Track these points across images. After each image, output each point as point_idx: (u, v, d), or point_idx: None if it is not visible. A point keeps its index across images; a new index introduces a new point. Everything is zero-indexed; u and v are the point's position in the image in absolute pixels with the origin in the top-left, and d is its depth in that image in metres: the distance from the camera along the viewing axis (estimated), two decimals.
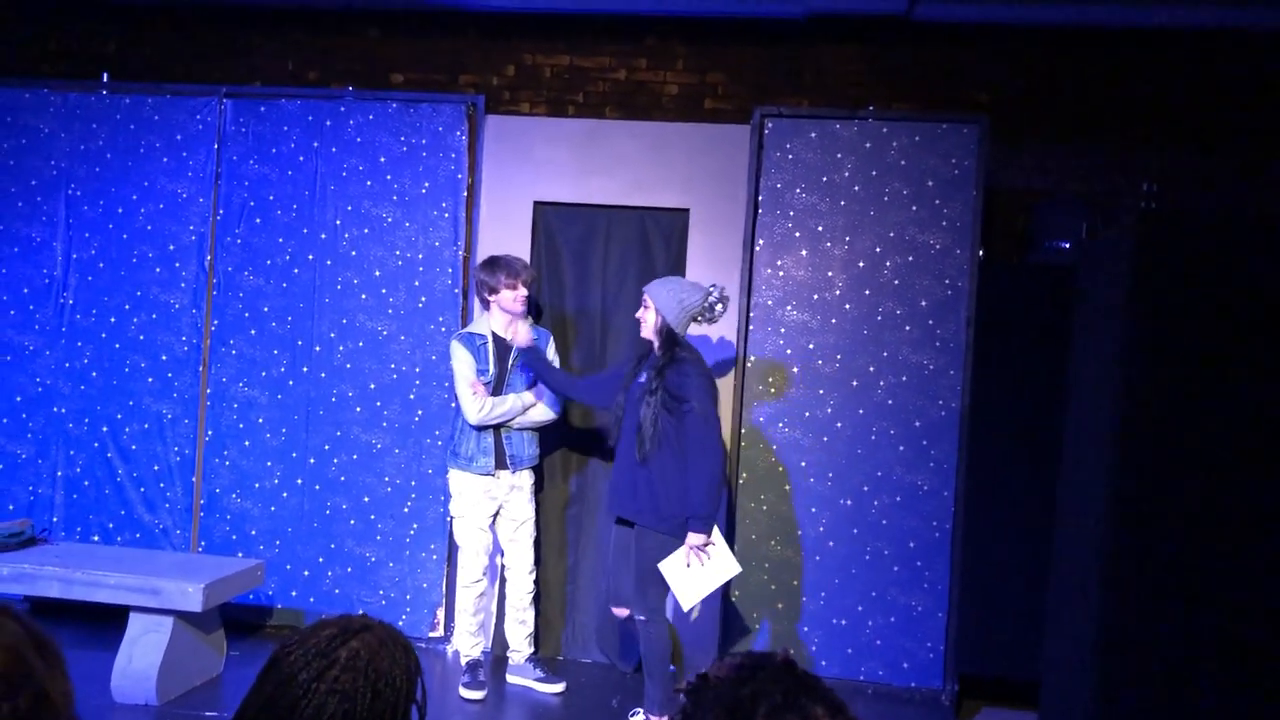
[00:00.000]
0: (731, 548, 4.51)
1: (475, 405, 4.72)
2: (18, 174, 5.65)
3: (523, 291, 4.78)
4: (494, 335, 4.84)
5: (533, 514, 4.95)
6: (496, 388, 4.81)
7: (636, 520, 4.30)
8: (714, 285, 4.40)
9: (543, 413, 4.88)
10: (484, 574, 4.92)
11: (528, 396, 4.82)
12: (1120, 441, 3.71)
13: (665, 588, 4.30)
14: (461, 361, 4.78)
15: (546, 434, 5.09)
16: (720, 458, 4.19)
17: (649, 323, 4.34)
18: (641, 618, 4.30)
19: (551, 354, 4.93)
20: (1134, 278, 3.71)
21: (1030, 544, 4.90)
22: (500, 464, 4.81)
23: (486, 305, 4.86)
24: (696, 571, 4.24)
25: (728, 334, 5.22)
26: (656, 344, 4.33)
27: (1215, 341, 3.66)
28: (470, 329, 4.93)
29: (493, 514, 4.88)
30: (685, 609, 4.34)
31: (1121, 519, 3.69)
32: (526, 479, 4.91)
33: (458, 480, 4.85)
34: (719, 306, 4.36)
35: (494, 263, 4.82)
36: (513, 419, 4.79)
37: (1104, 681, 3.73)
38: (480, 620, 4.98)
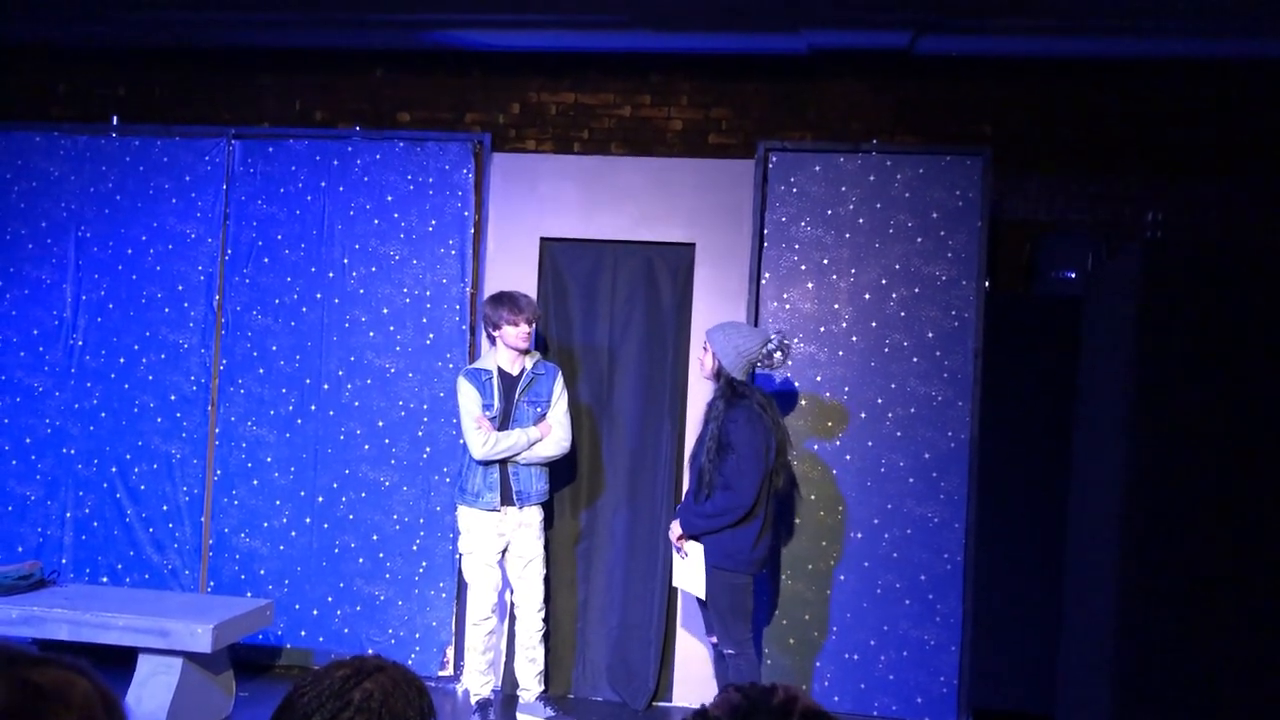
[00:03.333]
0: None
1: (479, 440, 4.72)
2: (28, 216, 5.70)
3: (525, 328, 4.79)
4: (500, 370, 4.84)
5: (541, 551, 4.92)
6: (502, 422, 4.80)
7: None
8: (776, 332, 4.42)
9: (550, 448, 4.87)
10: (493, 611, 4.89)
11: (533, 431, 4.81)
12: (1131, 472, 3.70)
13: (748, 620, 4.33)
14: (467, 397, 4.78)
15: (556, 470, 5.09)
16: (739, 501, 4.19)
17: (706, 366, 4.39)
18: (730, 651, 4.31)
19: (560, 389, 4.93)
20: (1140, 307, 3.72)
21: (1043, 575, 4.88)
22: (506, 500, 4.79)
23: (493, 341, 4.87)
24: (680, 564, 4.41)
25: None
26: (715, 388, 4.37)
27: (1223, 369, 3.65)
28: (477, 365, 4.93)
29: (501, 550, 4.86)
30: (674, 584, 4.60)
31: (1135, 549, 3.67)
32: (535, 516, 4.89)
33: (466, 517, 4.84)
34: (777, 355, 4.34)
35: (498, 299, 4.84)
36: (518, 453, 4.78)
37: (1118, 713, 3.69)
38: (490, 658, 4.95)
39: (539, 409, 4.86)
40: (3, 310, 5.70)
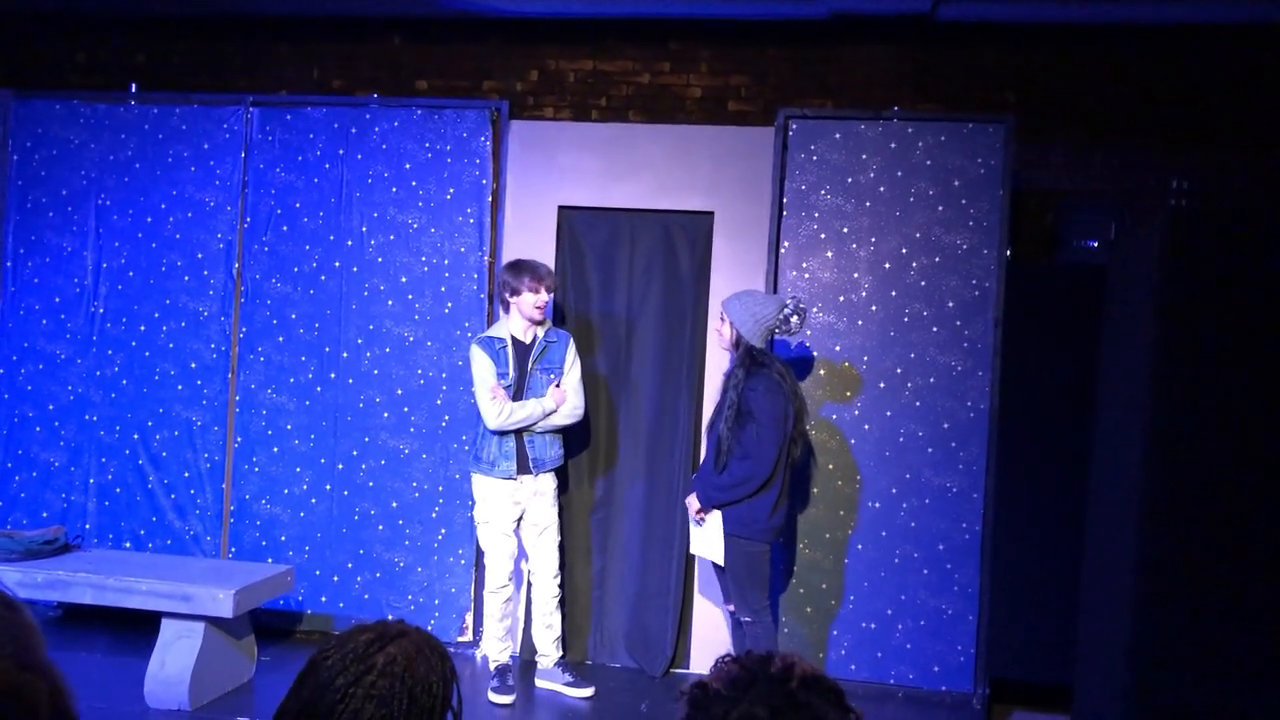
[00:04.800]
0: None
1: (494, 410, 4.73)
2: (48, 184, 5.72)
3: (545, 296, 4.78)
4: (513, 339, 4.84)
5: (556, 519, 4.94)
6: (517, 392, 4.81)
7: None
8: (792, 297, 4.41)
9: (564, 416, 4.87)
10: (510, 579, 4.92)
11: (548, 402, 4.81)
12: (1152, 442, 3.68)
13: (764, 588, 4.36)
14: (481, 366, 4.78)
15: (572, 438, 5.10)
16: (758, 470, 4.21)
17: (725, 336, 4.39)
18: (747, 619, 4.35)
19: (572, 355, 4.92)
20: (1164, 276, 3.68)
21: (1061, 546, 4.87)
22: (523, 468, 4.80)
23: (507, 308, 4.86)
24: (697, 532, 4.43)
25: None
26: (734, 358, 4.36)
27: (1247, 341, 3.62)
28: (490, 333, 4.92)
29: (517, 518, 4.88)
30: (691, 551, 4.63)
31: (1155, 520, 3.65)
32: (549, 484, 4.90)
33: (481, 485, 4.86)
34: (794, 319, 4.34)
35: (519, 265, 4.83)
36: (534, 423, 4.79)
37: (1138, 684, 3.69)
38: (508, 625, 4.99)
39: (552, 376, 4.86)
40: (25, 278, 5.73)
